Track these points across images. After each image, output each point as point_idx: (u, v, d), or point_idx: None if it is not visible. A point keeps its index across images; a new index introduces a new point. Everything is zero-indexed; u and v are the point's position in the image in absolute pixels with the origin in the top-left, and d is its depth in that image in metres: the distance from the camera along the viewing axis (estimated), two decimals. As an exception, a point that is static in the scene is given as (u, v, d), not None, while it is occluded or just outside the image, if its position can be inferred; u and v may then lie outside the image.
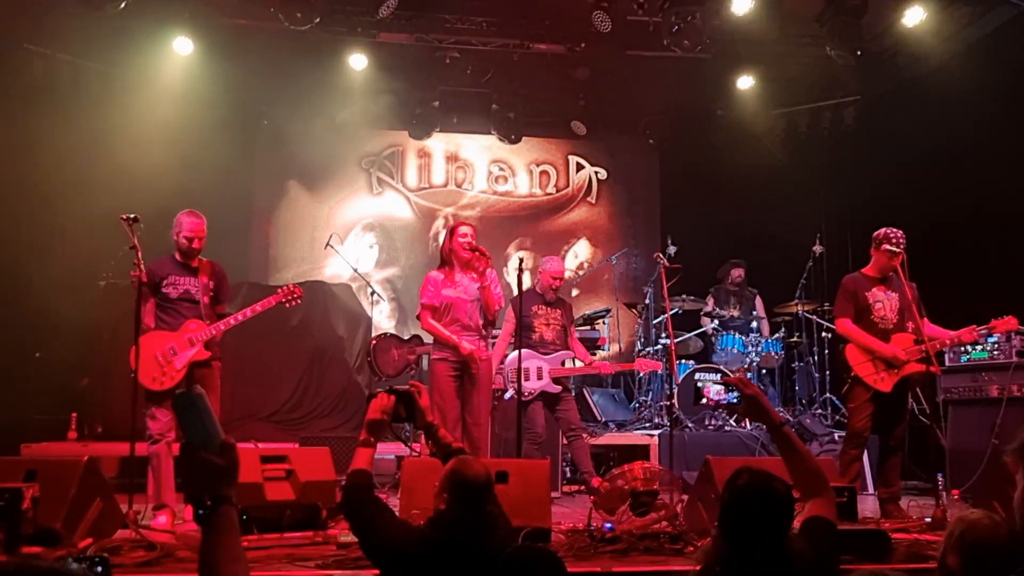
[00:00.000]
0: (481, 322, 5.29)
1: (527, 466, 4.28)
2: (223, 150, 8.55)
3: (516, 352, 5.75)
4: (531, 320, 6.13)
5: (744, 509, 2.26)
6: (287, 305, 5.17)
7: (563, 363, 6.19)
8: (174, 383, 4.84)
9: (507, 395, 6.00)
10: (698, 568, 2.35)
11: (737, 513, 2.27)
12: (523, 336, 5.95)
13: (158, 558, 3.61)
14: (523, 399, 5.69)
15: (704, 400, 5.08)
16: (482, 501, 2.87)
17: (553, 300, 6.27)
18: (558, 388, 6.10)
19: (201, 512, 1.62)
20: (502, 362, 6.19)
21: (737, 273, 8.46)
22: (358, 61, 8.58)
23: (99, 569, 2.16)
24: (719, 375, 7.48)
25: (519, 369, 5.42)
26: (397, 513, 4.18)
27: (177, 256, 5.06)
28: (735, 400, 2.67)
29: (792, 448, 2.62)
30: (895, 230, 5.14)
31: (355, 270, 8.16)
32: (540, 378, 6.08)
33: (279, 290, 5.23)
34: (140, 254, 4.73)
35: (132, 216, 4.74)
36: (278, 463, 4.22)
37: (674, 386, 6.25)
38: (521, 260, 5.63)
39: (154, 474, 4.82)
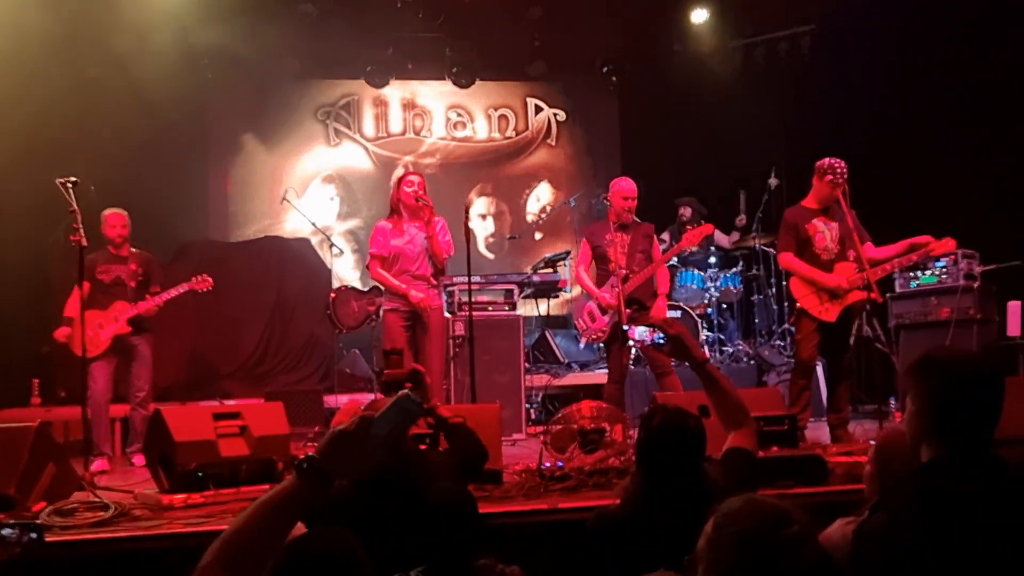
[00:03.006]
0: (431, 271, 5.30)
1: (478, 410, 4.36)
2: (173, 105, 8.40)
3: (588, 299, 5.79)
4: (605, 249, 5.73)
5: (660, 446, 2.35)
6: (199, 290, 5.84)
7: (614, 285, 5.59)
8: (100, 351, 5.60)
9: (580, 345, 5.86)
10: (618, 502, 2.43)
11: (654, 450, 2.36)
12: (600, 267, 5.75)
13: (113, 518, 3.65)
14: (596, 341, 5.71)
15: (631, 342, 5.13)
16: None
17: (628, 223, 5.76)
18: (627, 311, 5.51)
19: (300, 464, 1.54)
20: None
21: (683, 211, 8.51)
22: (308, 8, 8.40)
23: (33, 536, 2.19)
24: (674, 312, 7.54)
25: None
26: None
27: (110, 248, 5.77)
28: (661, 340, 2.72)
29: (715, 384, 2.70)
30: (838, 160, 5.18)
31: (313, 224, 8.12)
32: (604, 313, 5.68)
33: (193, 278, 5.83)
34: (80, 218, 4.70)
35: (71, 180, 4.69)
36: (231, 419, 4.23)
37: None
38: (467, 208, 5.54)
39: (94, 427, 5.30)
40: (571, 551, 3.11)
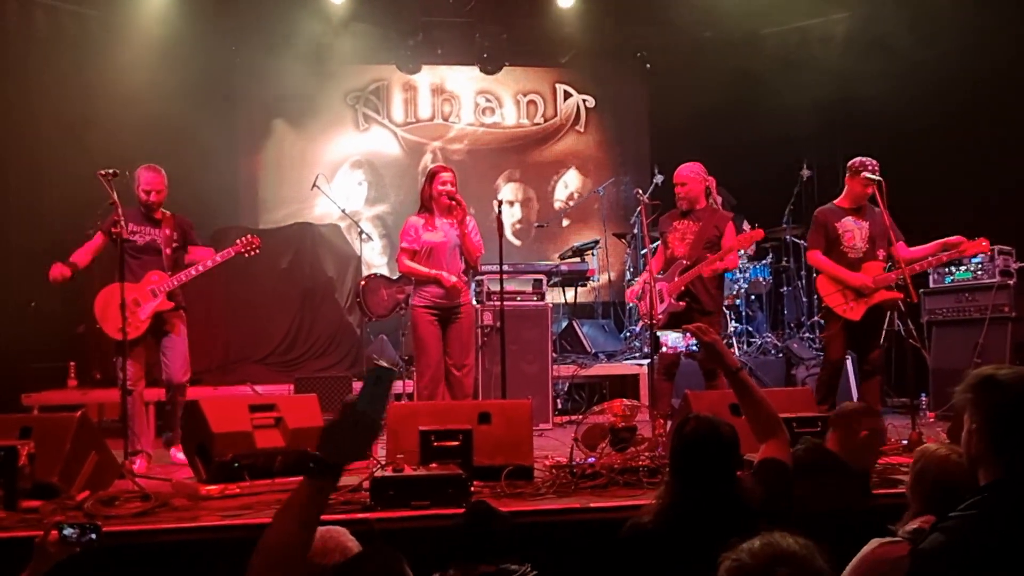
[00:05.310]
0: (463, 267, 5.31)
1: (509, 407, 4.40)
2: (204, 89, 8.47)
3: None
4: (667, 236, 5.60)
5: (693, 455, 2.37)
6: (246, 255, 5.23)
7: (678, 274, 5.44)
8: (139, 333, 5.01)
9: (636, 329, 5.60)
10: (655, 507, 2.45)
11: (686, 458, 2.38)
12: (665, 255, 5.60)
13: (154, 508, 3.73)
14: (658, 327, 5.36)
15: (664, 349, 5.08)
16: None
17: (687, 210, 5.53)
18: (682, 304, 5.36)
19: (311, 465, 1.69)
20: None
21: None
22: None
23: (92, 536, 2.27)
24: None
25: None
26: (384, 456, 4.31)
27: (141, 209, 5.16)
28: (695, 348, 2.74)
29: (749, 393, 2.70)
30: (871, 160, 5.13)
31: (343, 210, 8.17)
32: (662, 300, 5.47)
33: (238, 241, 5.25)
34: (120, 210, 4.75)
35: (111, 171, 4.73)
36: (267, 411, 4.30)
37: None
38: (500, 203, 5.48)
39: (130, 421, 4.86)
40: (603, 552, 3.15)
